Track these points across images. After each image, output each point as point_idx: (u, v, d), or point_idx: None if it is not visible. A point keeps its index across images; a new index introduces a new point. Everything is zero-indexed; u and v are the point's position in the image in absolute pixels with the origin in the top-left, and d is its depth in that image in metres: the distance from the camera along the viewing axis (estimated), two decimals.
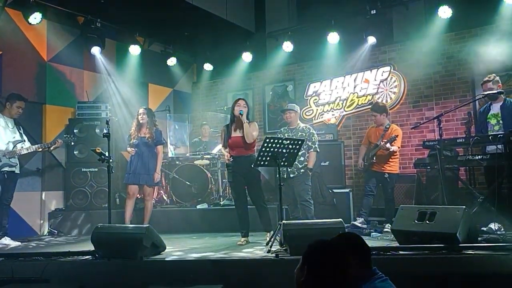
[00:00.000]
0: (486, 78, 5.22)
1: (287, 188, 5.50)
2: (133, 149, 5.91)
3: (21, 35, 6.63)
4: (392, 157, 5.75)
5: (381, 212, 6.11)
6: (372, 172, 5.85)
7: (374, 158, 5.76)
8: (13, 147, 5.49)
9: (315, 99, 8.12)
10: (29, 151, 5.61)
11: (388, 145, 5.49)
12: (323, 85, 8.06)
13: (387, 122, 5.89)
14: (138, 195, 6.21)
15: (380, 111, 5.93)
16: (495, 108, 5.17)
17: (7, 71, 6.40)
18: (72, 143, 6.34)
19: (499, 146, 4.59)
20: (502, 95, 5.17)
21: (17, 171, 5.59)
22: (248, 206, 5.18)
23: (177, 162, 7.42)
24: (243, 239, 4.99)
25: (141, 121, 5.99)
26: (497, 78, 5.22)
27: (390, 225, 5.53)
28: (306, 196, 5.43)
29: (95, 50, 7.15)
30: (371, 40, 7.12)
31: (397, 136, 5.55)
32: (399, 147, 5.78)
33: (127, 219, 5.88)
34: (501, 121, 5.06)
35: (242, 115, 4.92)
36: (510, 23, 6.36)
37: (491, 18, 6.41)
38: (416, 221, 4.02)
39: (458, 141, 5.12)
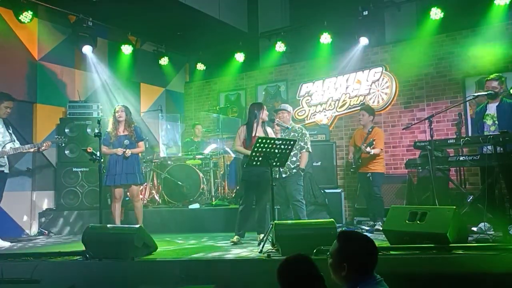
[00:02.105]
0: (492, 76, 5.16)
1: (279, 188, 5.51)
2: (121, 149, 5.63)
3: (11, 33, 6.57)
4: (377, 157, 5.90)
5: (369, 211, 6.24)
6: (360, 174, 6.07)
7: (360, 161, 5.96)
8: (2, 147, 5.43)
9: (308, 100, 8.14)
10: (18, 151, 5.55)
11: (368, 148, 5.67)
12: (315, 86, 8.09)
13: (371, 125, 6.03)
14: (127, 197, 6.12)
15: (370, 113, 6.13)
16: (491, 108, 5.14)
17: None
18: (63, 144, 6.26)
19: (490, 147, 4.63)
20: (499, 96, 5.13)
21: (6, 170, 5.52)
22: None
23: (169, 162, 7.39)
24: (236, 237, 4.98)
25: (119, 119, 5.71)
26: (503, 78, 5.18)
27: (380, 223, 5.63)
28: (298, 196, 5.43)
29: (87, 49, 7.10)
30: (363, 41, 7.16)
31: (374, 140, 5.68)
32: (382, 149, 5.93)
33: (118, 223, 5.69)
34: (497, 122, 5.04)
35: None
36: (500, 25, 6.43)
37: (482, 20, 6.46)
38: (407, 221, 4.04)
39: (449, 142, 5.16)
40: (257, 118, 5.16)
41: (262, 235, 4.81)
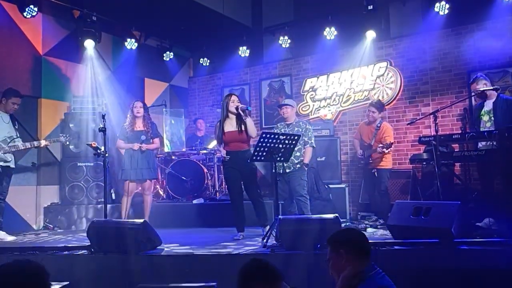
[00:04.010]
0: (471, 80, 5.38)
1: (283, 183, 5.51)
2: (137, 144, 5.72)
3: (16, 28, 6.58)
4: (385, 154, 5.86)
5: (373, 207, 6.26)
6: (366, 169, 6.06)
7: (370, 159, 5.91)
8: (8, 143, 5.46)
9: (312, 95, 8.12)
10: (20, 148, 5.58)
11: (384, 149, 5.62)
12: (319, 81, 8.06)
13: (379, 120, 6.03)
14: (136, 190, 6.15)
15: (380, 109, 6.08)
16: (488, 104, 5.18)
17: (2, 65, 6.35)
18: (68, 143, 6.25)
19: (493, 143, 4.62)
20: (497, 91, 5.18)
21: (12, 165, 5.56)
22: (244, 201, 5.20)
23: (173, 157, 7.40)
24: (239, 234, 5.01)
25: (137, 115, 5.85)
26: (482, 77, 5.28)
27: (383, 220, 5.63)
28: (302, 192, 5.44)
29: (88, 44, 7.04)
30: (369, 35, 7.10)
31: (392, 143, 5.67)
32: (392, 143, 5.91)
33: (125, 217, 5.72)
34: (492, 118, 5.07)
35: (248, 111, 4.97)
36: (506, 19, 6.38)
37: (487, 14, 6.41)
38: (411, 216, 4.04)
39: (453, 137, 5.14)
40: (224, 112, 5.11)
41: (267, 228, 4.80)
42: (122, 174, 5.78)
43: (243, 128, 5.01)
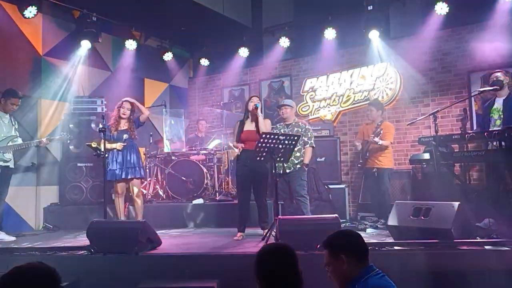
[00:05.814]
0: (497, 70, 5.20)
1: (283, 184, 5.51)
2: (121, 143, 5.60)
3: (16, 29, 6.57)
4: (385, 151, 5.91)
5: (374, 207, 6.27)
6: (366, 169, 6.09)
7: (367, 154, 5.95)
8: (7, 142, 5.47)
9: (312, 95, 8.12)
10: (22, 147, 5.60)
11: (376, 138, 5.67)
12: (319, 81, 8.06)
13: (380, 119, 6.06)
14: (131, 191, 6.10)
15: (378, 107, 6.17)
16: (498, 102, 5.07)
17: (2, 65, 6.34)
18: (68, 141, 6.23)
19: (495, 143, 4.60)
20: (508, 88, 5.06)
21: (11, 165, 5.57)
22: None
23: (173, 158, 7.40)
24: (239, 234, 5.00)
25: (123, 116, 5.68)
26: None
27: (383, 220, 5.63)
28: (302, 192, 5.43)
29: (84, 44, 7.02)
30: (371, 35, 7.08)
31: (381, 129, 5.72)
32: (391, 142, 5.93)
33: (122, 218, 5.70)
34: (502, 116, 4.97)
35: (257, 108, 5.08)
36: (505, 19, 6.38)
37: (487, 15, 6.41)
38: (411, 217, 4.04)
39: (453, 137, 5.14)
40: (246, 113, 5.26)
41: (265, 230, 4.81)
42: (108, 174, 5.54)
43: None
